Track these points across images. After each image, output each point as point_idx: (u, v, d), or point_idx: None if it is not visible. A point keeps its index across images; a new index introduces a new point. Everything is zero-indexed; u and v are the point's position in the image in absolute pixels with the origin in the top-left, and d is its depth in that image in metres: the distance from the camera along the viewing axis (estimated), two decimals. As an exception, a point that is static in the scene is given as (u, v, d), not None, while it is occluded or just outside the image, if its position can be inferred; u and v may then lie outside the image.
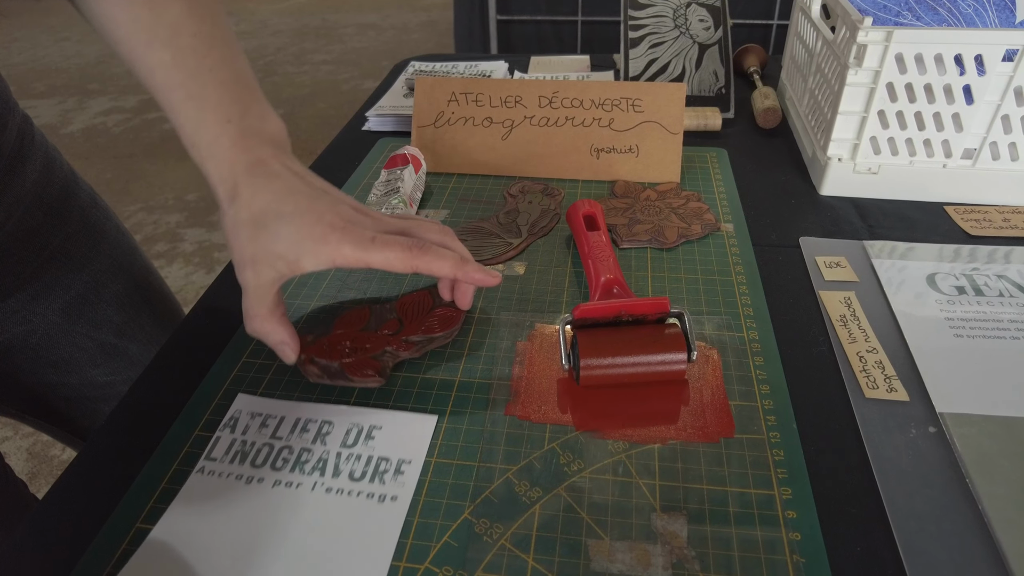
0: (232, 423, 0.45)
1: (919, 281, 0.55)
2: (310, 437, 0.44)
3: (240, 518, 0.39)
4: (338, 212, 0.44)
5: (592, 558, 0.36)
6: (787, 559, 0.36)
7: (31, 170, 0.59)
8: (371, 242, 0.44)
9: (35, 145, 0.60)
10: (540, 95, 0.71)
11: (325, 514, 0.39)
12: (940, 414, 0.44)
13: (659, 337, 0.46)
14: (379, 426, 0.44)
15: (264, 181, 0.43)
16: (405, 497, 0.40)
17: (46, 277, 0.61)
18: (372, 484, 0.41)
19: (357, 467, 0.42)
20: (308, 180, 0.45)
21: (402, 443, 0.43)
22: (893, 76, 0.61)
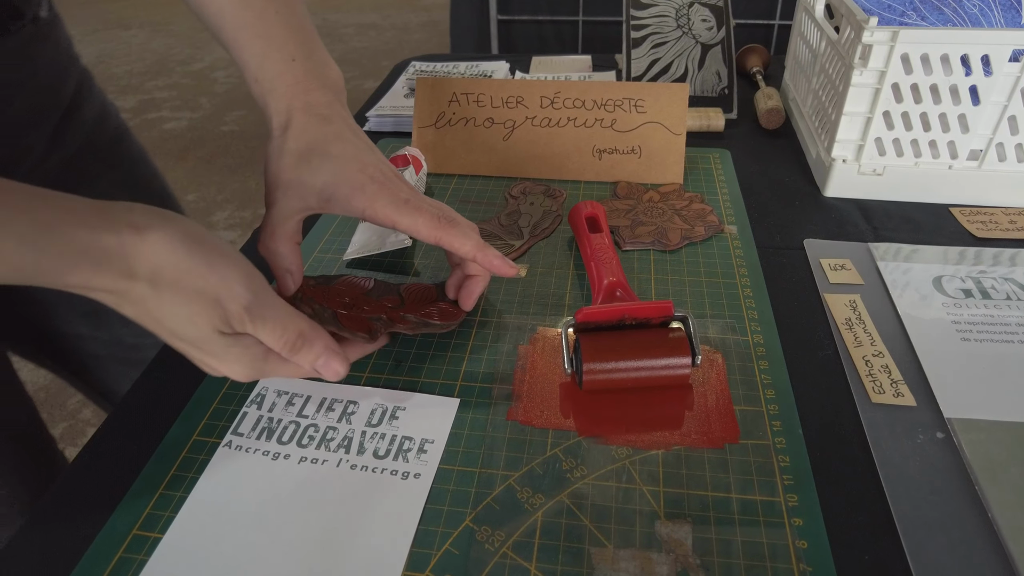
0: (259, 400, 0.46)
1: (925, 283, 0.55)
2: (335, 416, 0.45)
3: (267, 491, 0.40)
4: (381, 168, 0.46)
5: (595, 566, 0.36)
6: (793, 567, 0.36)
7: (87, 117, 0.62)
8: (404, 203, 0.44)
9: (92, 95, 0.64)
10: (542, 95, 0.70)
11: (351, 489, 0.40)
12: (948, 420, 0.43)
13: (663, 341, 0.45)
14: (403, 407, 0.45)
15: (318, 121, 0.46)
16: (428, 475, 0.41)
17: None
18: (396, 462, 0.42)
19: (381, 445, 0.43)
20: (359, 133, 0.47)
21: (425, 423, 0.44)
22: (898, 77, 0.60)
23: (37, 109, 0.56)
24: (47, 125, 0.58)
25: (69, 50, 0.61)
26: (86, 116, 0.62)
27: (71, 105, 0.60)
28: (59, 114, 0.59)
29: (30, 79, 0.55)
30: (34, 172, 0.57)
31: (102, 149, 0.64)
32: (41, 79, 0.56)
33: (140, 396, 0.48)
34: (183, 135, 2.90)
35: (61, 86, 0.59)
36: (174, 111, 3.12)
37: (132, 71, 3.59)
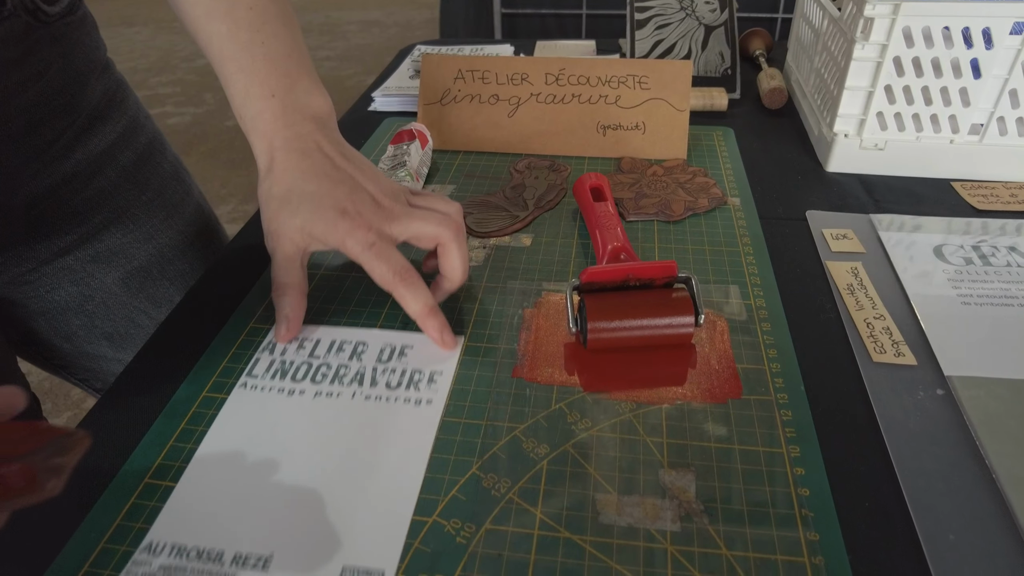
0: (270, 346, 0.48)
1: (926, 252, 0.55)
2: (346, 355, 0.47)
3: (286, 424, 0.42)
4: (353, 199, 0.46)
5: (600, 511, 0.36)
6: (796, 513, 0.36)
7: (110, 131, 0.60)
8: (369, 247, 0.45)
9: (124, 108, 0.62)
10: (547, 72, 0.71)
11: (366, 417, 0.42)
12: (948, 377, 0.44)
13: (666, 301, 0.46)
14: (411, 345, 0.48)
15: (297, 158, 0.47)
16: (439, 401, 0.43)
17: (110, 240, 0.61)
18: (408, 391, 0.44)
19: (393, 378, 0.45)
20: (337, 162, 0.48)
21: (433, 358, 0.46)
22: (900, 50, 0.61)
23: (40, 116, 0.54)
24: (53, 134, 0.55)
25: (95, 57, 0.59)
26: (109, 130, 0.60)
27: (91, 116, 0.59)
28: (73, 124, 0.57)
29: (37, 78, 0.53)
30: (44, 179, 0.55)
31: (127, 167, 0.62)
32: (51, 80, 0.54)
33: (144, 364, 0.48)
34: (187, 130, 2.91)
35: (78, 91, 0.57)
36: (178, 107, 3.14)
37: (136, 67, 3.60)
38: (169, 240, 0.65)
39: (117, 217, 0.61)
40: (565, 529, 0.36)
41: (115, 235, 0.61)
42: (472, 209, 0.62)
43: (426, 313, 0.46)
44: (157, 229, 0.64)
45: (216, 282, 0.55)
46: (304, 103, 0.49)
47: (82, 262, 0.60)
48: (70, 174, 0.57)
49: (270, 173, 0.47)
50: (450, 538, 0.35)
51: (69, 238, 0.59)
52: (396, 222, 0.47)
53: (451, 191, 0.66)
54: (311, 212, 0.45)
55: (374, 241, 0.45)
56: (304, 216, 0.45)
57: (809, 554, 0.34)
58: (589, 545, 0.35)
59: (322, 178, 0.46)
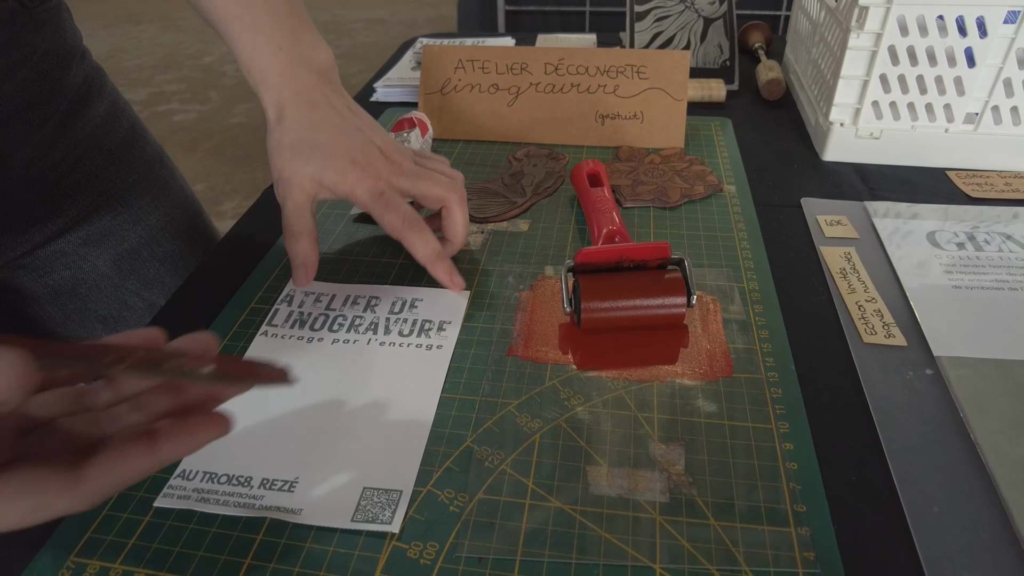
0: (288, 299, 0.51)
1: (920, 238, 0.56)
2: (360, 308, 0.50)
3: (306, 365, 0.45)
4: (364, 151, 0.48)
5: (591, 482, 0.37)
6: (783, 486, 0.37)
7: (93, 115, 0.62)
8: (379, 196, 0.48)
9: (103, 94, 0.63)
10: (546, 62, 0.72)
11: (381, 360, 0.45)
12: (937, 357, 0.44)
13: (659, 281, 0.46)
14: (420, 298, 0.51)
15: (306, 109, 0.48)
16: (448, 347, 0.46)
17: (100, 223, 0.62)
18: (419, 338, 0.47)
19: (405, 327, 0.48)
20: (345, 115, 0.50)
21: (441, 310, 0.50)
22: (895, 39, 0.61)
23: (28, 99, 0.55)
24: (40, 118, 0.56)
25: (74, 43, 0.61)
26: (92, 114, 0.61)
27: (75, 100, 0.60)
28: (58, 109, 0.58)
29: (23, 63, 0.54)
30: (34, 166, 0.56)
31: (112, 151, 0.63)
32: (37, 65, 0.55)
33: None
34: (192, 127, 2.93)
35: (61, 76, 0.58)
36: (183, 104, 3.15)
37: (143, 65, 3.62)
38: (157, 222, 0.67)
39: (106, 200, 0.63)
40: (556, 499, 0.36)
41: (105, 218, 0.63)
42: (471, 195, 0.62)
43: (435, 257, 0.48)
44: (145, 211, 0.66)
45: (226, 255, 0.56)
46: (309, 56, 0.50)
47: (74, 245, 0.61)
48: (59, 158, 0.59)
49: (280, 123, 0.48)
50: (443, 507, 0.36)
51: (61, 221, 0.60)
52: (405, 177, 0.49)
53: (450, 178, 0.66)
54: (322, 161, 0.47)
55: (383, 190, 0.48)
56: (316, 165, 0.47)
57: (795, 525, 0.35)
58: (579, 514, 0.36)
59: (332, 128, 0.48)
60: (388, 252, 0.56)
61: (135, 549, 0.35)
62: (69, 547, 0.35)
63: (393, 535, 0.35)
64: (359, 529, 0.35)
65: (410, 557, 0.34)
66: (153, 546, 0.35)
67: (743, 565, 0.33)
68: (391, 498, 0.36)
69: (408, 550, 0.34)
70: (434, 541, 0.35)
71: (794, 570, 0.33)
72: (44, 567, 0.34)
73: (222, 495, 0.37)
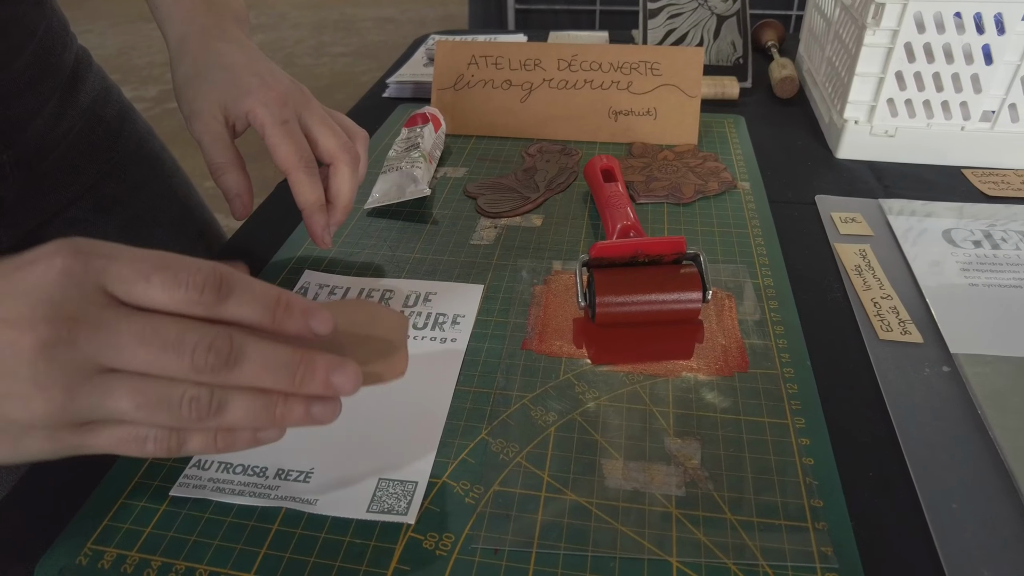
0: (303, 291, 0.51)
1: (935, 235, 0.55)
2: (375, 300, 0.50)
3: None
4: (274, 74, 0.46)
5: (606, 476, 0.37)
6: (800, 481, 0.37)
7: (89, 90, 0.63)
8: (283, 123, 0.44)
9: (92, 71, 0.65)
10: (559, 58, 0.72)
11: None
12: (954, 355, 0.44)
13: (675, 276, 0.46)
14: (434, 292, 0.51)
15: (213, 40, 0.47)
16: (463, 340, 0.46)
17: (108, 191, 0.64)
18: (434, 331, 0.47)
19: (419, 320, 0.48)
20: (254, 50, 0.48)
21: (455, 304, 0.49)
22: (911, 36, 0.61)
23: (39, 71, 0.56)
24: (50, 89, 0.58)
25: (64, 24, 0.62)
26: (88, 89, 0.63)
27: (73, 75, 0.61)
28: (61, 81, 0.59)
29: (30, 39, 0.55)
30: (47, 137, 0.58)
31: (109, 123, 0.65)
32: (41, 41, 0.56)
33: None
34: (202, 124, 2.94)
35: (60, 52, 0.59)
36: (194, 101, 3.16)
37: (153, 62, 3.63)
38: (156, 189, 0.69)
39: (111, 169, 0.65)
40: (571, 492, 0.36)
41: (110, 185, 0.65)
42: (484, 190, 0.62)
43: (317, 207, 0.45)
44: (145, 178, 0.68)
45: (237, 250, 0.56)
46: (223, 1, 0.49)
47: (85, 212, 0.63)
48: (67, 128, 0.60)
49: (183, 56, 0.46)
50: (459, 498, 0.36)
51: (74, 188, 0.62)
52: (312, 113, 0.46)
53: (463, 174, 0.66)
54: (227, 82, 0.44)
55: (288, 118, 0.44)
56: (220, 88, 0.44)
57: (813, 520, 0.35)
58: (595, 507, 0.35)
59: (239, 54, 0.46)
60: (402, 246, 0.56)
61: (151, 537, 0.35)
62: (86, 535, 0.35)
63: (409, 526, 0.35)
64: (374, 520, 0.35)
65: (426, 548, 0.34)
66: (169, 535, 0.35)
67: (760, 559, 0.33)
68: (407, 489, 0.36)
69: (424, 541, 0.34)
70: (450, 532, 0.35)
71: (812, 565, 0.33)
72: (61, 554, 0.34)
73: (237, 485, 0.37)
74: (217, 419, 0.28)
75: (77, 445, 0.28)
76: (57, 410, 0.26)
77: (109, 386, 0.26)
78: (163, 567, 0.34)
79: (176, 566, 0.34)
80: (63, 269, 0.26)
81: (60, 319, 0.25)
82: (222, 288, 0.28)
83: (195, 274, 0.27)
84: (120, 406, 0.27)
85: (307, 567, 0.33)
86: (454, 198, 0.62)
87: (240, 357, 0.28)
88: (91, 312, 0.26)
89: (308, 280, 0.52)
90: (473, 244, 0.56)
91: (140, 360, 0.26)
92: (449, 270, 0.53)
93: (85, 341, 0.26)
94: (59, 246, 0.27)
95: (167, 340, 0.26)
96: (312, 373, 0.29)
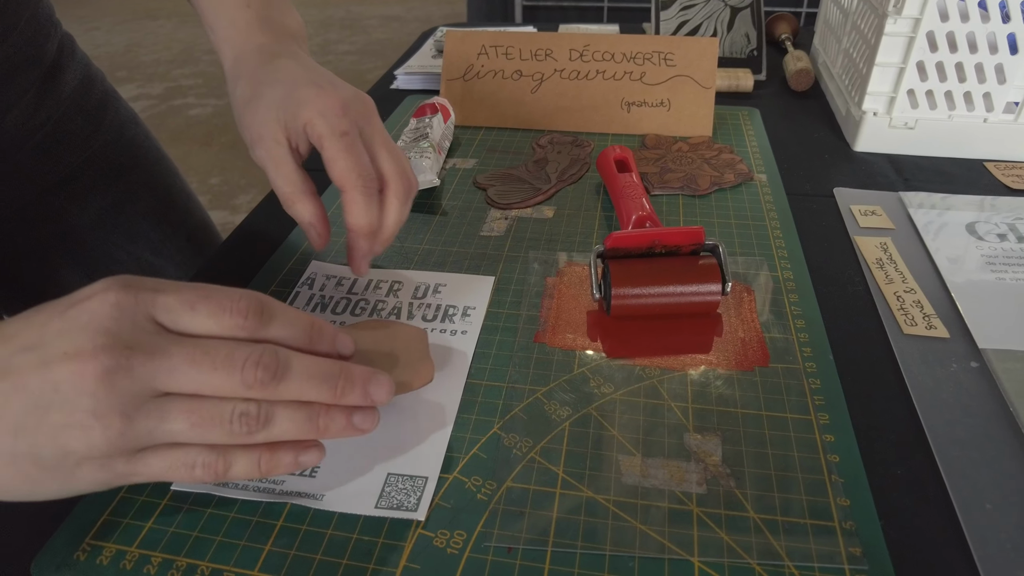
0: (309, 281, 0.50)
1: (958, 228, 0.54)
2: (383, 292, 0.49)
3: None
4: (334, 84, 0.42)
5: (624, 472, 0.36)
6: (825, 479, 0.35)
7: (70, 79, 0.62)
8: (342, 135, 0.40)
9: (75, 59, 0.63)
10: (571, 48, 0.70)
11: None
12: (983, 350, 0.43)
13: (693, 267, 0.45)
14: (444, 284, 0.49)
15: (269, 59, 0.44)
16: (473, 332, 0.45)
17: (84, 179, 0.63)
18: (444, 323, 0.46)
19: (428, 312, 0.47)
20: (312, 64, 0.45)
21: (465, 296, 0.48)
22: (934, 24, 0.59)
23: (16, 64, 0.55)
24: (29, 79, 0.57)
25: (49, 13, 0.61)
26: (69, 78, 0.62)
27: (53, 65, 0.60)
28: (41, 71, 0.58)
29: (11, 30, 0.54)
30: (24, 127, 0.57)
31: (90, 111, 0.64)
32: (23, 31, 0.56)
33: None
34: (208, 121, 2.93)
35: (42, 42, 0.58)
36: (200, 98, 3.16)
37: (160, 59, 3.63)
38: (136, 177, 0.67)
39: (88, 158, 0.64)
40: (588, 488, 0.35)
41: (87, 173, 0.64)
42: (494, 181, 0.61)
43: (366, 232, 0.41)
44: (124, 167, 0.66)
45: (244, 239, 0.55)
46: (279, 20, 0.47)
47: (60, 199, 0.62)
48: (44, 118, 0.59)
49: (239, 78, 0.44)
50: (471, 494, 0.35)
51: (49, 178, 0.61)
52: (375, 128, 0.42)
53: (473, 165, 0.65)
54: (283, 97, 0.41)
55: (347, 129, 0.40)
56: (277, 105, 0.41)
57: (840, 519, 0.33)
58: (613, 505, 0.34)
59: (294, 68, 0.42)
60: (410, 237, 0.55)
61: (152, 533, 0.34)
62: (85, 529, 0.34)
63: (419, 523, 0.34)
64: (383, 516, 0.34)
65: (436, 546, 0.33)
66: (170, 530, 0.34)
67: (785, 560, 0.32)
68: (416, 484, 0.35)
69: (434, 539, 0.33)
70: (461, 530, 0.33)
71: (840, 566, 0.31)
72: (59, 548, 0.33)
73: (241, 483, 0.36)
74: (266, 431, 0.30)
75: (128, 474, 0.29)
76: (115, 437, 0.27)
77: (164, 409, 0.28)
78: (164, 563, 0.32)
79: (177, 563, 0.32)
80: (116, 302, 0.28)
81: (118, 347, 0.27)
82: (264, 313, 0.31)
83: (237, 301, 0.30)
84: (175, 427, 0.28)
85: (313, 565, 0.32)
86: (463, 189, 0.61)
87: (286, 371, 0.30)
88: (144, 340, 0.28)
89: (315, 270, 0.51)
90: (483, 235, 0.55)
91: (193, 380, 0.28)
92: (459, 261, 0.52)
93: (140, 366, 0.27)
94: (109, 283, 0.29)
95: (217, 359, 0.28)
96: (352, 383, 0.32)
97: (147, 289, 0.29)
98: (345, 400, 0.31)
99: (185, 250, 0.71)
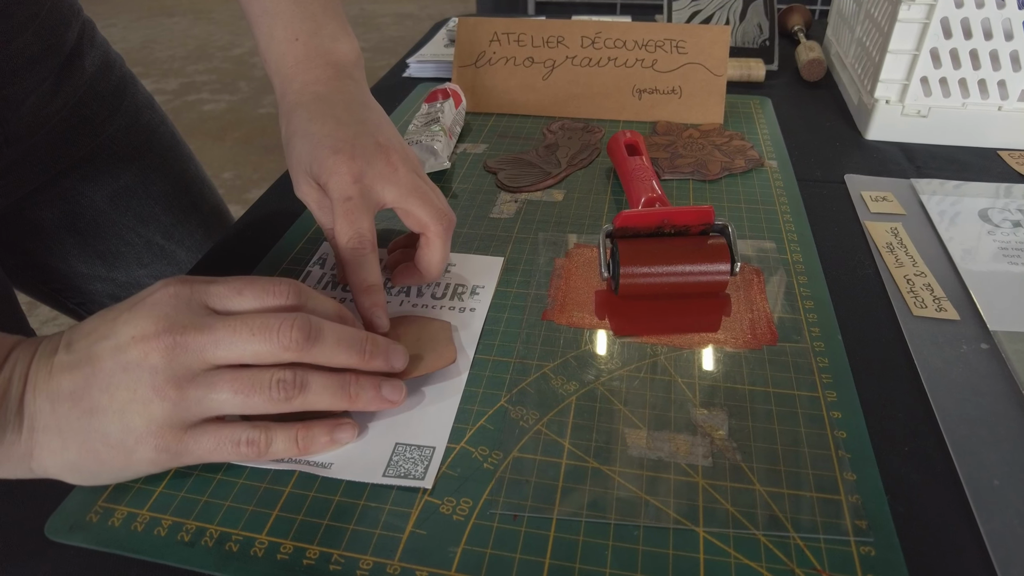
0: (321, 261, 0.51)
1: (971, 215, 0.54)
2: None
3: None
4: (354, 142, 0.42)
5: (629, 445, 0.36)
6: (832, 454, 0.35)
7: (89, 65, 0.63)
8: (345, 200, 0.41)
9: (95, 45, 0.64)
10: (583, 35, 0.71)
11: None
12: (993, 332, 0.42)
13: (702, 247, 0.45)
14: (453, 263, 0.50)
15: (309, 100, 0.46)
16: (482, 310, 0.45)
17: (97, 162, 0.64)
18: (452, 301, 0.46)
19: (438, 290, 0.47)
20: (352, 108, 0.45)
21: (475, 274, 0.49)
22: (948, 11, 0.59)
23: (39, 50, 0.56)
24: (49, 68, 0.58)
25: (72, 3, 0.62)
26: (88, 63, 0.63)
27: (73, 51, 0.61)
28: (61, 59, 0.59)
29: (33, 19, 0.55)
30: (39, 113, 0.58)
31: (107, 96, 0.65)
32: (44, 20, 0.56)
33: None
34: (222, 116, 2.95)
35: (63, 31, 0.59)
36: (214, 94, 3.18)
37: (175, 56, 3.66)
38: (150, 162, 0.68)
39: (103, 142, 0.65)
40: (593, 460, 0.35)
41: (101, 157, 0.64)
42: (504, 165, 0.61)
43: (362, 288, 0.41)
44: (138, 151, 0.67)
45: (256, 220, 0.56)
46: (328, 48, 0.48)
47: (74, 181, 0.63)
48: (60, 104, 0.60)
49: (281, 118, 0.46)
50: (477, 463, 0.35)
51: (64, 161, 0.62)
52: (392, 184, 0.42)
53: (483, 150, 0.65)
54: (309, 152, 0.43)
55: (351, 195, 0.41)
56: (305, 158, 0.43)
57: (846, 493, 0.33)
58: (618, 475, 0.34)
59: (328, 119, 0.44)
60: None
61: (162, 497, 0.34)
62: (98, 492, 0.34)
63: (426, 491, 0.34)
64: (390, 484, 0.34)
65: (443, 513, 0.33)
66: (180, 495, 0.34)
67: (790, 531, 0.32)
68: (424, 454, 0.35)
69: (441, 506, 0.33)
70: (467, 497, 0.33)
71: (845, 538, 0.31)
72: (73, 510, 0.33)
73: None
74: (302, 397, 0.33)
75: (180, 452, 0.33)
76: (170, 408, 0.32)
77: (211, 380, 0.32)
78: (173, 526, 0.33)
79: (186, 525, 0.33)
80: (174, 293, 0.33)
81: (176, 327, 0.32)
82: (301, 295, 0.35)
83: (278, 284, 0.35)
84: (221, 396, 0.32)
85: (320, 529, 0.32)
86: (474, 173, 0.61)
87: (319, 334, 0.34)
88: (197, 320, 0.32)
89: (326, 251, 0.51)
90: (493, 217, 0.55)
91: (235, 348, 0.32)
92: (468, 242, 0.52)
93: (193, 341, 0.32)
94: (168, 280, 0.34)
95: (255, 327, 0.33)
96: (377, 348, 0.36)
97: (200, 281, 0.34)
98: (371, 364, 0.35)
99: (197, 234, 0.72)
